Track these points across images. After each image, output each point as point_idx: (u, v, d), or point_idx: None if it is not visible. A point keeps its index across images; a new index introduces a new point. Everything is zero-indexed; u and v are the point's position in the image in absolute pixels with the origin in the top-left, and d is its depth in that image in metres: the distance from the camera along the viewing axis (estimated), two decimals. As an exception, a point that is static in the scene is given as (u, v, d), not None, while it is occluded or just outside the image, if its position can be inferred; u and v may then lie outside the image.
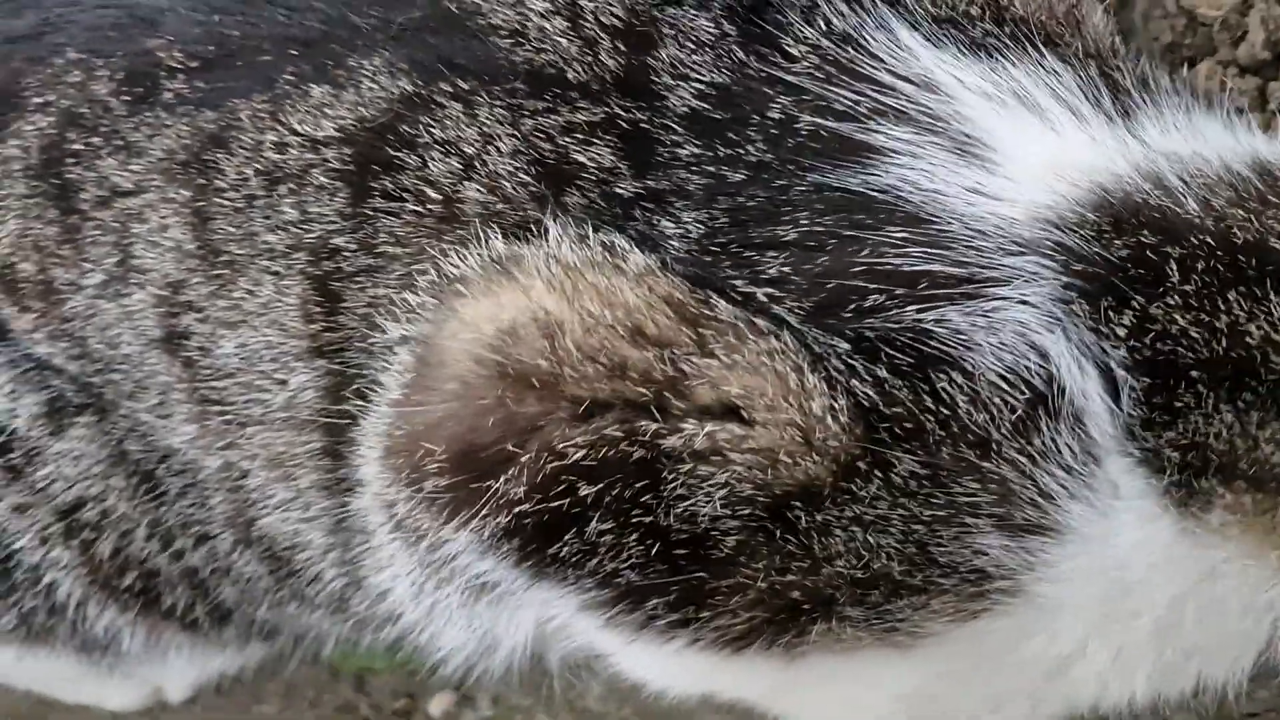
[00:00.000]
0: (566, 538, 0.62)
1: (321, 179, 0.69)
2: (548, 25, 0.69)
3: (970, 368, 0.60)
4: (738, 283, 0.64)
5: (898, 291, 0.61)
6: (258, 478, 0.78)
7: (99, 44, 0.74)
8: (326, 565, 0.81)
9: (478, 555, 0.66)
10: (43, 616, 0.88)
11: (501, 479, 0.60)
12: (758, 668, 0.69)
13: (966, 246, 0.63)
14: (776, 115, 0.67)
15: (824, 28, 0.69)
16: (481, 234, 0.66)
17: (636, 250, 0.63)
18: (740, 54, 0.69)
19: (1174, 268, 0.61)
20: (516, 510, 0.61)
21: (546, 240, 0.64)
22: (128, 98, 0.73)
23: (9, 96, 0.75)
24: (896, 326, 0.61)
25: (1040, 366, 0.61)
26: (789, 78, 0.68)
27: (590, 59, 0.69)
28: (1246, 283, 0.61)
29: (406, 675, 1.05)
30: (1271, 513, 0.62)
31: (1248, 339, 0.61)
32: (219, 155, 0.71)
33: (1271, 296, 0.60)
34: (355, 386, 0.71)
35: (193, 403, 0.77)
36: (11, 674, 1.00)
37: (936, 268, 0.62)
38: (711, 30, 0.69)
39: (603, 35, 0.69)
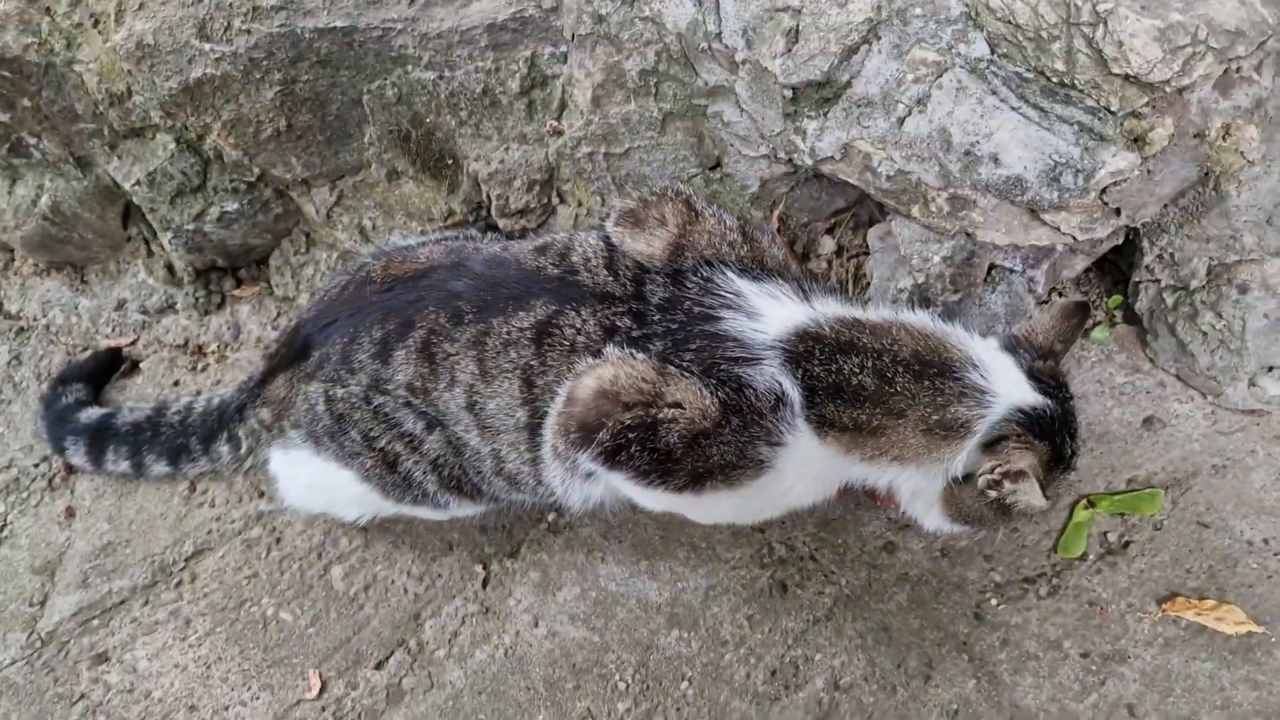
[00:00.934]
0: (623, 453, 1.52)
1: (524, 341, 1.63)
2: (609, 279, 1.67)
3: (756, 387, 1.55)
4: (677, 361, 1.56)
5: (731, 363, 1.56)
6: (504, 450, 1.72)
7: (440, 304, 1.71)
8: (529, 478, 1.74)
9: (589, 462, 1.56)
10: (420, 497, 1.88)
11: (601, 433, 1.51)
12: (687, 498, 1.64)
13: (753, 348, 1.58)
14: (686, 306, 1.62)
15: (700, 275, 1.66)
16: (585, 354, 1.58)
17: (640, 353, 1.56)
18: (672, 287, 1.65)
19: (817, 352, 1.58)
20: (605, 444, 1.52)
21: (609, 353, 1.56)
22: (450, 323, 1.69)
23: (409, 326, 1.72)
24: (731, 373, 1.55)
25: (779, 386, 1.55)
26: (689, 294, 1.64)
27: (624, 287, 1.65)
28: (844, 353, 1.59)
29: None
30: (847, 440, 1.59)
31: (842, 374, 1.57)
32: (486, 338, 1.65)
33: (853, 358, 1.58)
34: (540, 412, 1.63)
35: (478, 428, 1.72)
36: (407, 514, 2.01)
37: (743, 355, 1.57)
38: (662, 280, 1.66)
39: (628, 279, 1.66)
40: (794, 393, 1.56)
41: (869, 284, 2.11)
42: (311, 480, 1.96)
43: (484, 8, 2.02)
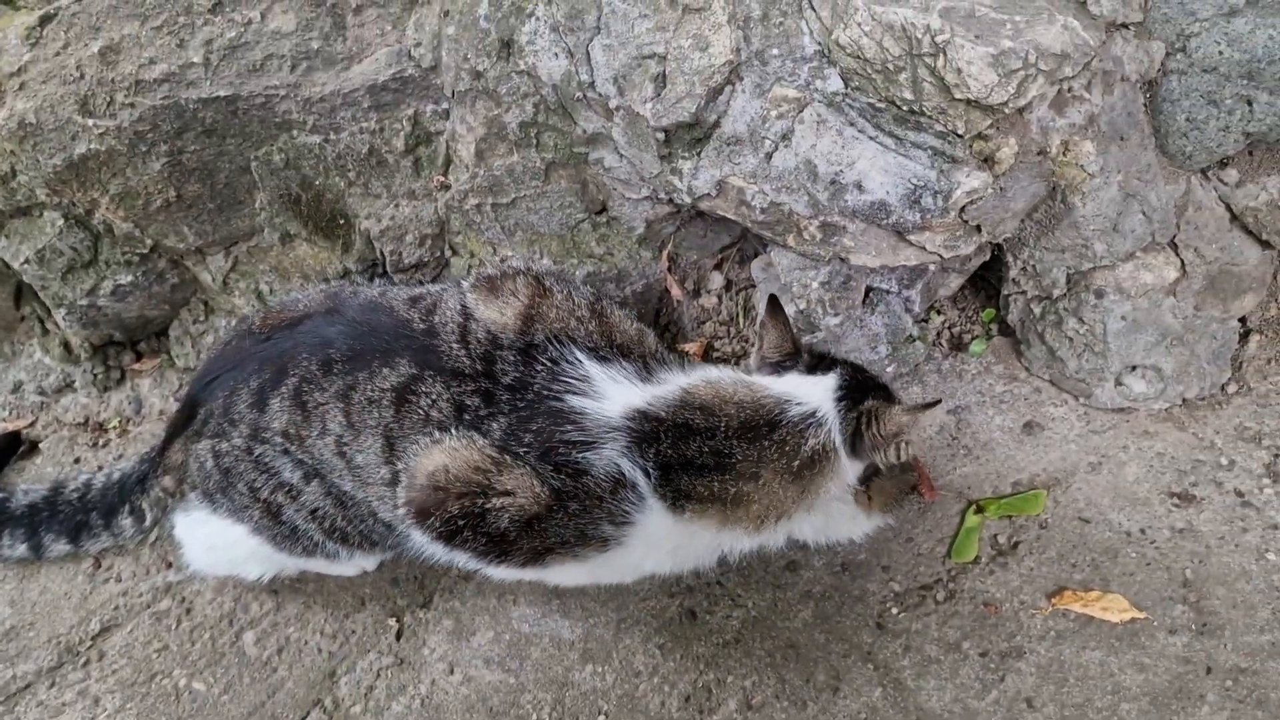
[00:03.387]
0: (458, 537, 1.62)
1: (385, 401, 1.68)
2: (461, 351, 1.69)
3: (594, 472, 1.61)
4: (516, 444, 1.61)
5: (570, 447, 1.62)
6: (375, 500, 1.75)
7: (313, 353, 1.75)
8: (402, 528, 1.74)
9: (428, 541, 1.66)
10: (311, 547, 1.88)
11: (433, 518, 1.60)
12: (532, 572, 1.77)
13: (594, 430, 1.63)
14: (536, 388, 1.66)
15: (549, 356, 1.69)
16: (433, 428, 1.62)
17: (480, 437, 1.61)
18: (522, 367, 1.68)
19: (663, 433, 1.64)
20: (438, 529, 1.61)
21: (447, 440, 1.60)
22: (320, 371, 1.73)
23: (283, 374, 1.75)
24: (568, 458, 1.61)
25: (618, 469, 1.62)
26: (538, 376, 1.67)
27: (476, 365, 1.68)
28: (686, 434, 1.65)
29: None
30: (714, 514, 1.68)
31: (694, 454, 1.64)
32: (353, 392, 1.69)
33: (693, 441, 1.64)
34: (399, 472, 1.66)
35: (352, 477, 1.74)
36: (300, 568, 2.03)
37: (582, 439, 1.62)
38: (514, 358, 1.69)
39: (478, 358, 1.68)
40: (637, 474, 1.62)
41: (757, 315, 2.18)
42: (210, 539, 1.96)
43: (364, 70, 2.07)
